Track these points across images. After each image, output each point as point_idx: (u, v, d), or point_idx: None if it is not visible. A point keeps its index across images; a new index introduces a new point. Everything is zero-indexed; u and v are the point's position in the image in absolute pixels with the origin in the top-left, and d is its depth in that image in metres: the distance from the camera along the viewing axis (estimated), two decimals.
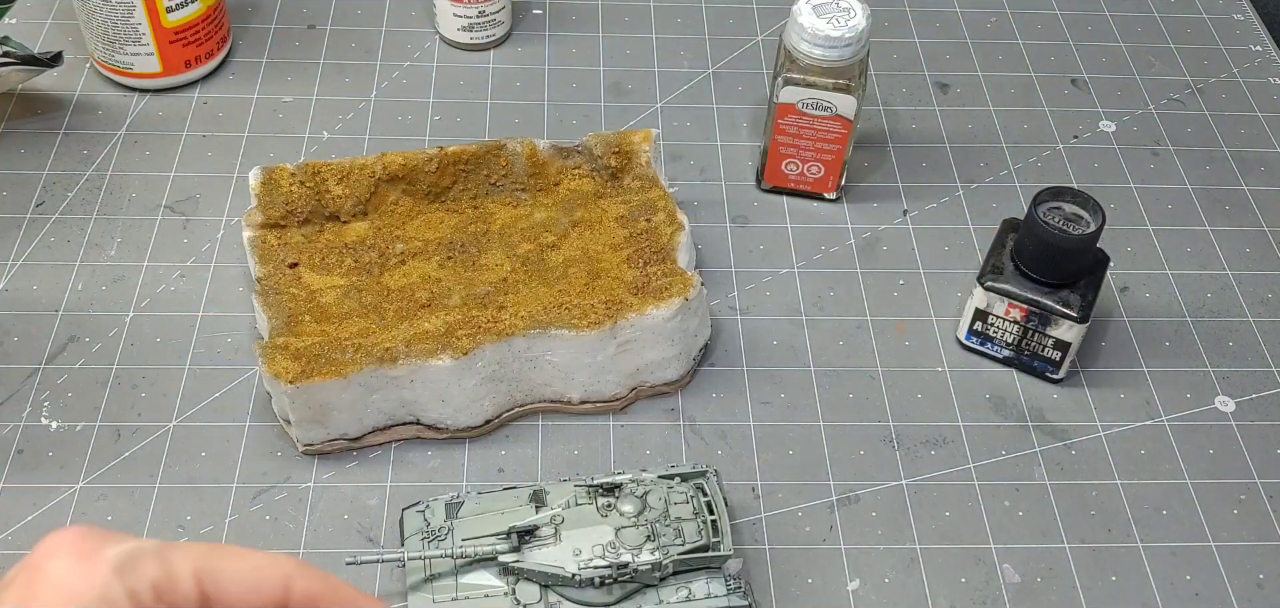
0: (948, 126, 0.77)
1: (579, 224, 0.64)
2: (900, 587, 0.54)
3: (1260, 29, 0.86)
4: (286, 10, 0.82)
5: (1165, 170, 0.75)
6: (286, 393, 0.54)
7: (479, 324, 0.57)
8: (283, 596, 0.36)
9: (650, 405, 0.60)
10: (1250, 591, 0.55)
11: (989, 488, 0.58)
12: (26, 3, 0.81)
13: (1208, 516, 0.57)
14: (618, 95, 0.77)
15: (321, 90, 0.76)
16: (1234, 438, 0.61)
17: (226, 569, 0.35)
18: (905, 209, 0.71)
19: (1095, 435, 0.60)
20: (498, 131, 0.74)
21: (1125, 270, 0.69)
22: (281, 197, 0.63)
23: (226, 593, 0.35)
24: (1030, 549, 0.56)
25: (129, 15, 0.71)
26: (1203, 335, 0.65)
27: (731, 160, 0.73)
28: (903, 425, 0.60)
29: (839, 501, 0.57)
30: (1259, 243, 0.71)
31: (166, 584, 0.34)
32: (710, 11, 0.84)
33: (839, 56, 0.64)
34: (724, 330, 0.64)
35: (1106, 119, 0.78)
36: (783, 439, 0.59)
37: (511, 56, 0.80)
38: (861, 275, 0.67)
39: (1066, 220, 0.59)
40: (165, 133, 0.73)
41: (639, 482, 0.52)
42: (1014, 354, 0.62)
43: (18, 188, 0.69)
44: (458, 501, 0.53)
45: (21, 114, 0.73)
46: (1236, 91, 0.81)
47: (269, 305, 0.59)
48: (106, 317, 0.63)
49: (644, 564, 0.49)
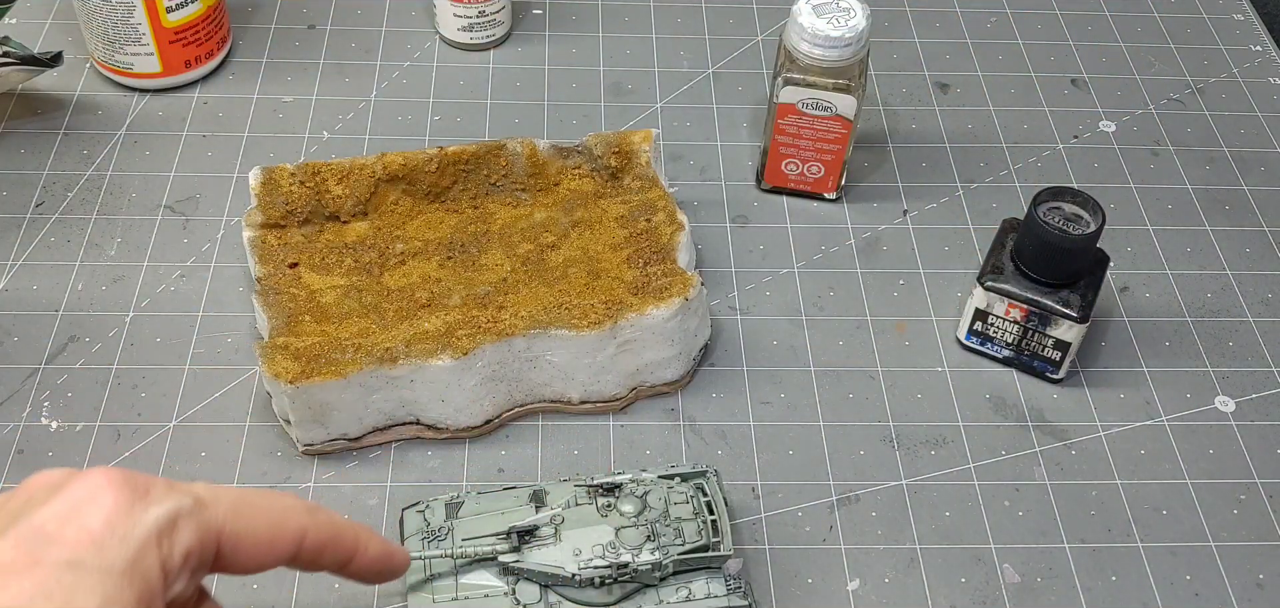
0: (948, 126, 0.77)
1: (579, 224, 0.64)
2: (900, 587, 0.54)
3: (1260, 29, 0.86)
4: (286, 10, 0.82)
5: (1165, 170, 0.75)
6: (286, 393, 0.54)
7: (479, 324, 0.57)
8: (295, 548, 0.36)
9: (650, 405, 0.60)
10: (1250, 591, 0.55)
11: (989, 488, 0.58)
12: (26, 3, 0.81)
13: (1208, 516, 0.57)
14: (618, 95, 0.77)
15: (321, 90, 0.76)
16: (1234, 438, 0.61)
17: (246, 532, 0.35)
18: (905, 209, 0.71)
19: (1095, 435, 0.60)
20: (498, 131, 0.74)
21: (1125, 270, 0.69)
22: (281, 196, 0.63)
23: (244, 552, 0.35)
24: (1030, 549, 0.56)
25: (129, 15, 0.71)
26: (1203, 335, 0.65)
27: (731, 160, 0.73)
28: (903, 425, 0.60)
29: (839, 501, 0.57)
30: (1259, 243, 0.71)
31: (198, 552, 0.34)
32: (710, 11, 0.84)
33: (839, 56, 0.64)
34: (724, 330, 0.64)
35: (1106, 119, 0.78)
36: (783, 439, 0.59)
37: (511, 56, 0.80)
38: (861, 275, 0.67)
39: (1066, 220, 0.59)
40: (165, 133, 0.73)
41: (639, 482, 0.52)
42: (1014, 354, 0.62)
43: (18, 188, 0.69)
44: (458, 501, 0.53)
45: (21, 114, 0.73)
46: (1236, 91, 0.81)
47: (269, 305, 0.59)
48: (106, 317, 0.63)
49: (644, 564, 0.49)
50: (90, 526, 0.31)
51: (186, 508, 0.33)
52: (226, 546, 0.35)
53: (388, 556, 0.41)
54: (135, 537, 0.32)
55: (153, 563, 0.32)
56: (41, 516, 0.32)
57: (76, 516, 0.32)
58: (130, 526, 0.32)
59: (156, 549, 0.32)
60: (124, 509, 0.32)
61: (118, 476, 0.33)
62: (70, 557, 0.31)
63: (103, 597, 0.30)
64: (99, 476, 0.33)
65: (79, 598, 0.30)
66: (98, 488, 0.32)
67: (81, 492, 0.32)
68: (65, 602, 0.30)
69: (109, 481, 0.32)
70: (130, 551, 0.32)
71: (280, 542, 0.36)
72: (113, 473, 0.33)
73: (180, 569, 0.33)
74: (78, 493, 0.32)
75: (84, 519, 0.32)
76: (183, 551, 0.33)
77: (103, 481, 0.32)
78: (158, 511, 0.33)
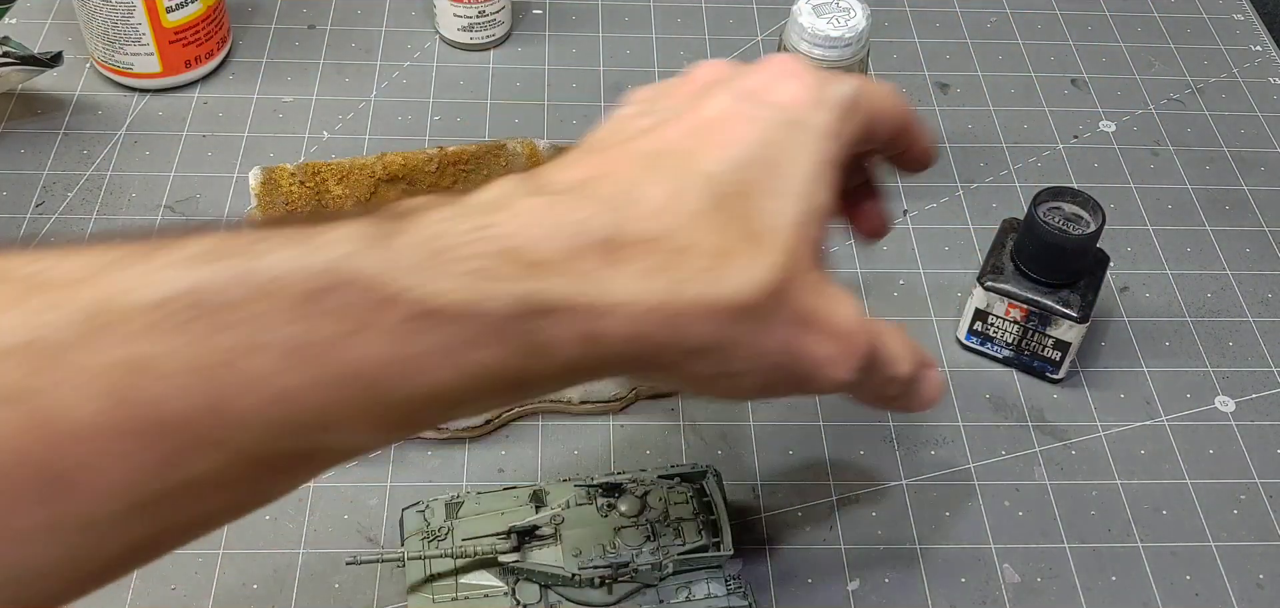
0: (948, 126, 0.77)
1: None
2: (900, 587, 0.54)
3: (1260, 29, 0.86)
4: (286, 10, 0.82)
5: (1165, 170, 0.75)
6: None
7: None
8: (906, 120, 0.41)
9: (650, 405, 0.60)
10: (1250, 591, 0.55)
11: (989, 488, 0.58)
12: (26, 3, 0.81)
13: (1208, 516, 0.57)
14: (618, 95, 0.77)
15: (321, 90, 0.76)
16: (1234, 438, 0.61)
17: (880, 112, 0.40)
18: (905, 209, 0.71)
19: (1095, 435, 0.60)
20: (498, 131, 0.74)
21: (1125, 270, 0.69)
22: (281, 197, 0.63)
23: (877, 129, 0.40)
24: (1030, 549, 0.56)
25: (129, 15, 0.71)
26: (1203, 335, 0.65)
27: None
28: (903, 425, 0.60)
29: (839, 501, 0.57)
30: (1259, 243, 0.71)
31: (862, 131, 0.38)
32: (710, 11, 0.84)
33: (839, 56, 0.64)
34: None
35: (1106, 119, 0.78)
36: (783, 439, 0.59)
37: (511, 56, 0.80)
38: (861, 275, 0.67)
39: (1066, 220, 0.59)
40: (165, 133, 0.73)
41: (639, 482, 0.52)
42: (1014, 354, 0.62)
43: (18, 188, 0.69)
44: (458, 501, 0.53)
45: (21, 114, 0.73)
46: (1236, 91, 0.81)
47: None
48: None
49: (644, 564, 0.49)
50: (795, 94, 0.36)
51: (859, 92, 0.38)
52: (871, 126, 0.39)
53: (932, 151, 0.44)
54: (832, 107, 0.37)
55: (842, 134, 0.37)
56: (747, 82, 0.36)
57: (782, 84, 0.36)
58: (826, 96, 0.37)
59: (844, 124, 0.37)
60: (819, 83, 0.37)
61: (802, 60, 0.38)
62: (785, 115, 0.35)
63: (813, 149, 0.35)
64: (784, 58, 0.38)
65: (800, 149, 0.35)
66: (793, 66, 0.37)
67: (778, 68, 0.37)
68: (782, 149, 0.35)
69: (798, 62, 0.38)
70: (829, 117, 0.36)
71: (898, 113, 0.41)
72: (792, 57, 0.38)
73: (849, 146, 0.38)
74: (775, 69, 0.37)
75: (790, 89, 0.36)
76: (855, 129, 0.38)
77: (790, 61, 0.38)
78: (840, 91, 0.37)
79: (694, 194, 0.33)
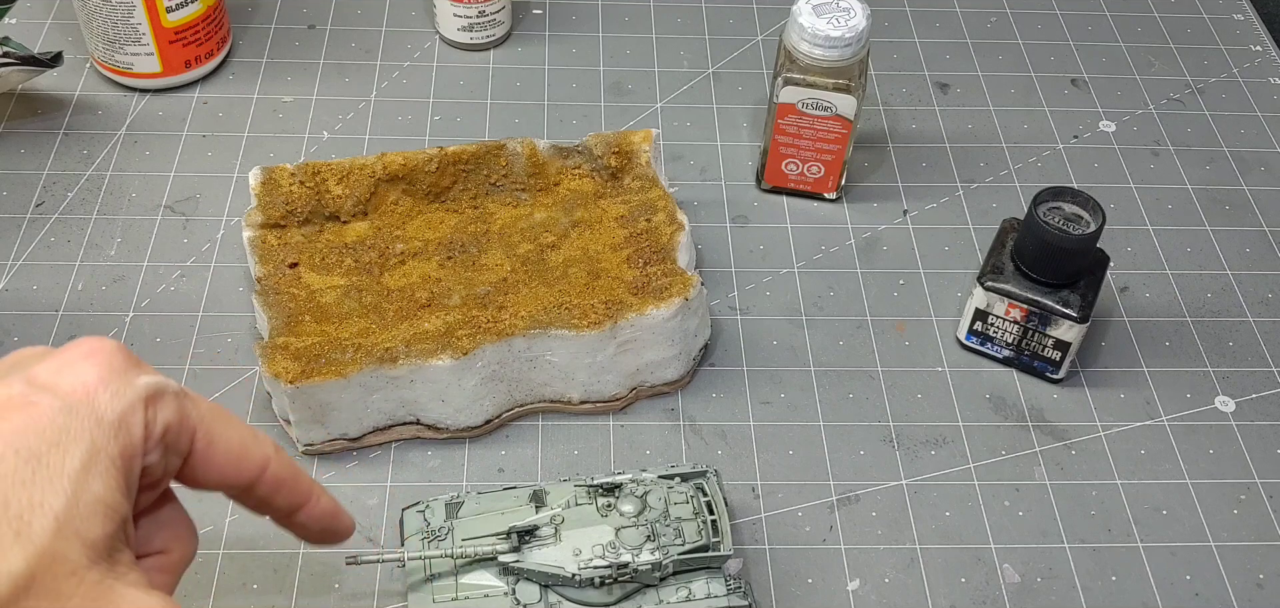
0: (948, 126, 0.77)
1: (579, 224, 0.64)
2: (900, 587, 0.54)
3: (1260, 29, 0.86)
4: (286, 10, 0.82)
5: (1165, 170, 0.75)
6: (286, 393, 0.54)
7: (479, 324, 0.57)
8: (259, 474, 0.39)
9: (650, 405, 0.60)
10: (1250, 591, 0.55)
11: (989, 488, 0.58)
12: (26, 3, 0.81)
13: (1208, 516, 0.57)
14: (618, 95, 0.77)
15: (321, 90, 0.76)
16: (1234, 438, 0.61)
17: (220, 436, 0.38)
18: (905, 209, 0.71)
19: (1095, 436, 0.60)
20: (498, 131, 0.74)
21: (1125, 270, 0.69)
22: (281, 197, 0.63)
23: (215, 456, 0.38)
24: (1030, 549, 0.56)
25: (129, 15, 0.71)
26: (1203, 335, 0.65)
27: (731, 160, 0.73)
28: (903, 425, 0.60)
29: (839, 501, 0.57)
30: (1259, 243, 0.71)
31: (176, 431, 0.36)
32: (710, 11, 0.84)
33: (839, 56, 0.64)
34: (724, 330, 0.64)
35: (1106, 119, 0.78)
36: (783, 439, 0.59)
37: (511, 56, 0.80)
38: (861, 275, 0.67)
39: (1066, 220, 0.59)
40: (165, 133, 0.73)
41: (639, 482, 0.52)
42: (1014, 354, 0.62)
43: (18, 188, 0.69)
44: (458, 501, 0.53)
45: (21, 114, 0.73)
46: (1236, 91, 0.81)
47: (269, 305, 0.59)
48: (106, 317, 0.63)
49: (644, 564, 0.49)
50: (85, 379, 0.34)
51: (173, 388, 0.36)
52: (200, 443, 0.37)
53: (335, 514, 0.43)
54: (125, 396, 0.35)
55: (138, 423, 0.35)
56: (41, 368, 0.35)
57: (73, 369, 0.35)
58: (122, 385, 0.35)
59: (143, 412, 0.35)
60: (118, 370, 0.35)
61: (110, 343, 0.36)
62: (66, 402, 0.34)
63: (92, 441, 0.33)
64: (93, 340, 0.36)
65: (71, 438, 0.33)
66: (93, 349, 0.35)
67: (78, 351, 0.35)
68: (57, 440, 0.33)
69: (103, 345, 0.36)
70: (120, 406, 0.34)
71: (247, 460, 0.39)
72: (106, 340, 0.36)
73: (159, 441, 0.36)
74: (75, 352, 0.35)
75: (80, 373, 0.34)
76: (164, 422, 0.36)
77: (97, 344, 0.35)
78: (148, 379, 0.36)
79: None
